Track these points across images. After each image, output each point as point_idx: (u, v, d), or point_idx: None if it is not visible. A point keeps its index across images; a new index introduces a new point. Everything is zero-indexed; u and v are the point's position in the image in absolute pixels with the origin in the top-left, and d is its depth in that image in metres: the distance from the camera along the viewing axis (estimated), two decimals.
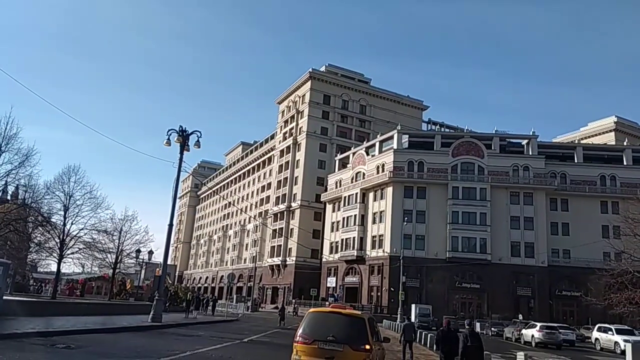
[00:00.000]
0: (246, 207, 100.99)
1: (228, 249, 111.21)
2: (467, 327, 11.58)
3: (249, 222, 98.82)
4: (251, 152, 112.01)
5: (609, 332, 31.12)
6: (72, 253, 34.45)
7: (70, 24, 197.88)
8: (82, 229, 33.43)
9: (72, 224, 32.73)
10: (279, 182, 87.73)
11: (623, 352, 21.56)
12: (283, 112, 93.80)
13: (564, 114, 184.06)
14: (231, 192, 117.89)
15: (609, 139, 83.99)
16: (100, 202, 34.16)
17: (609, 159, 62.77)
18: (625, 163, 61.06)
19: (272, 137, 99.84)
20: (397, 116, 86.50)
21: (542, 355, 24.84)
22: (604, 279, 18.99)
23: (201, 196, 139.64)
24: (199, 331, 22.26)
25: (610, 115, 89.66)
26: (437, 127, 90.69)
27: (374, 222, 63.87)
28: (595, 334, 33.34)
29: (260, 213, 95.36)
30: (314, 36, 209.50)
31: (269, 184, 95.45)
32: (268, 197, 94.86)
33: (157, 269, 43.89)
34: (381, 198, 63.43)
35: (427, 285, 57.41)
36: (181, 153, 24.68)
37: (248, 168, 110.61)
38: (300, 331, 9.82)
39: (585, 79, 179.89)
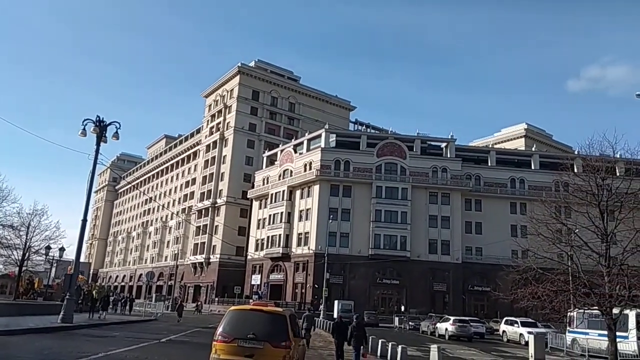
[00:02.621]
0: (169, 203, 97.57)
1: (148, 246, 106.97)
2: (354, 320, 14.99)
3: (172, 219, 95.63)
4: (175, 145, 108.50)
5: (515, 325, 33.55)
6: None
7: None
8: None
9: None
10: (204, 177, 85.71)
11: (527, 343, 23.25)
12: (210, 106, 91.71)
13: (480, 119, 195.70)
14: (153, 187, 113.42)
15: (520, 144, 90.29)
16: (6, 194, 31.57)
17: (519, 163, 67.51)
18: (533, 167, 65.86)
19: (198, 131, 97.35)
20: (325, 115, 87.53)
21: (454, 347, 26.25)
22: (511, 275, 20.34)
23: (120, 190, 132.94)
24: (113, 332, 21.27)
25: (521, 122, 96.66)
26: (364, 127, 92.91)
27: (300, 219, 64.22)
28: (503, 326, 35.80)
29: (184, 209, 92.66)
30: (244, 31, 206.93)
31: (194, 180, 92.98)
32: (192, 193, 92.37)
33: (69, 267, 41.23)
34: (308, 196, 63.92)
35: (350, 282, 58.66)
36: (98, 145, 23.39)
37: (172, 162, 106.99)
38: (220, 330, 9.69)
39: (501, 87, 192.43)
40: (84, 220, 23.71)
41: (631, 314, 19.68)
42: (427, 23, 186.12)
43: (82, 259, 29.89)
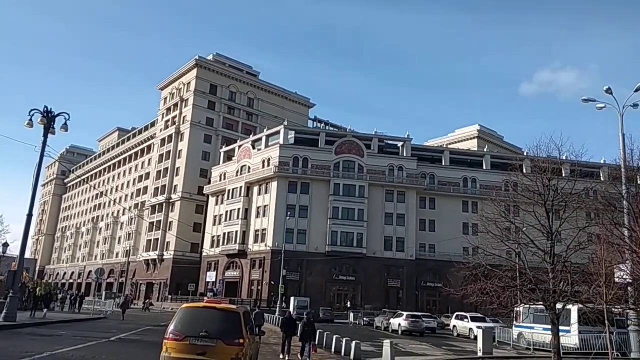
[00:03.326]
0: (121, 198, 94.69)
1: (98, 242, 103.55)
2: (305, 316, 16.21)
3: (123, 214, 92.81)
4: (128, 139, 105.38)
5: (465, 320, 34.59)
6: None
7: None
8: None
9: None
10: (159, 172, 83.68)
11: (476, 337, 24.00)
12: (165, 98, 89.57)
13: (435, 119, 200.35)
14: (104, 180, 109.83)
15: (472, 145, 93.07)
16: None
17: (471, 163, 69.61)
18: (484, 167, 68.05)
19: (153, 124, 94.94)
20: (284, 112, 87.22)
21: (407, 342, 26.81)
22: (461, 272, 20.88)
23: (69, 184, 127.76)
24: (60, 330, 20.49)
25: (474, 123, 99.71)
26: (323, 125, 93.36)
27: (257, 216, 63.79)
28: (453, 321, 36.85)
29: (137, 204, 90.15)
30: (203, 23, 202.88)
31: (148, 174, 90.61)
32: (146, 188, 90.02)
33: (13, 263, 39.34)
34: (265, 192, 63.56)
35: (306, 278, 58.83)
36: (45, 136, 22.44)
37: (124, 156, 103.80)
38: (171, 327, 9.52)
39: (456, 88, 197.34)
40: (29, 215, 22.73)
41: (573, 309, 20.61)
42: (386, 23, 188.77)
43: (27, 255, 28.62)
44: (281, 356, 16.32)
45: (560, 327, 18.54)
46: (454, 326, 36.19)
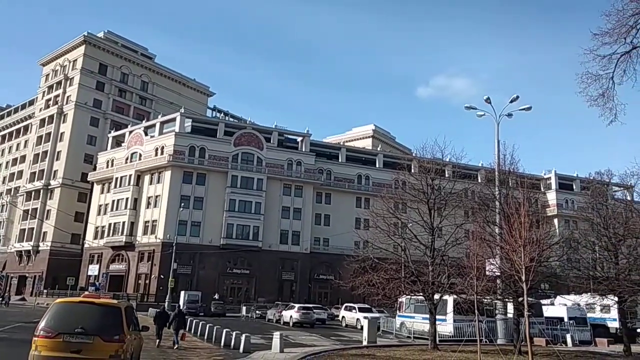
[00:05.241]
0: None
1: None
2: (177, 308, 20.08)
3: None
4: (2, 117, 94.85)
5: (353, 311, 36.11)
6: None
7: None
8: None
9: None
10: (37, 155, 76.31)
11: (362, 328, 25.15)
12: (48, 75, 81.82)
13: (334, 117, 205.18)
14: None
15: (367, 143, 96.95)
16: None
17: (366, 161, 72.55)
18: (377, 166, 71.19)
19: (31, 103, 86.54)
20: (181, 99, 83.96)
21: (297, 333, 27.30)
22: (352, 265, 21.76)
23: None
24: None
25: (370, 123, 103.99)
26: (222, 115, 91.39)
27: (148, 206, 60.78)
28: (342, 312, 38.30)
29: (9, 190, 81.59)
30: None
31: (24, 157, 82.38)
32: (21, 172, 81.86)
33: None
34: (158, 182, 60.77)
35: (199, 272, 57.38)
36: None
37: None
38: (42, 324, 8.79)
39: (356, 88, 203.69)
40: None
41: (450, 299, 22.36)
42: (293, 17, 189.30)
43: None
44: (155, 344, 18.40)
45: (438, 317, 20.09)
46: (343, 317, 37.59)
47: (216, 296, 50.82)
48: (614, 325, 27.09)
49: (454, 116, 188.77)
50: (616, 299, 20.27)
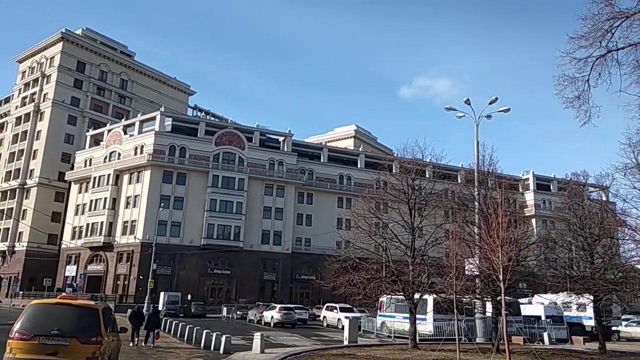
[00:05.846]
0: None
1: None
2: (152, 308, 21.99)
3: None
4: None
5: (334, 311, 36.13)
6: None
7: None
8: None
9: None
10: (12, 154, 74.79)
11: (344, 327, 25.21)
12: (24, 72, 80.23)
13: (316, 117, 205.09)
14: None
15: (349, 144, 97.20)
16: None
17: (347, 162, 72.71)
18: (359, 166, 71.41)
19: (7, 100, 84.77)
20: (161, 97, 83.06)
21: (278, 334, 27.24)
22: (333, 264, 21.80)
23: None
24: None
25: (352, 123, 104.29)
26: (203, 114, 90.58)
27: (127, 206, 59.95)
28: (324, 312, 38.30)
29: None
30: None
31: None
32: None
33: None
34: (137, 181, 59.97)
35: (179, 273, 56.82)
36: None
37: None
38: (17, 326, 8.61)
39: (338, 88, 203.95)
40: None
41: (430, 299, 22.58)
42: (275, 16, 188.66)
43: None
44: (131, 344, 18.64)
45: (418, 316, 20.26)
46: (324, 317, 37.60)
47: (189, 297, 49.98)
48: (589, 323, 27.68)
49: (436, 117, 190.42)
50: (592, 297, 20.72)
